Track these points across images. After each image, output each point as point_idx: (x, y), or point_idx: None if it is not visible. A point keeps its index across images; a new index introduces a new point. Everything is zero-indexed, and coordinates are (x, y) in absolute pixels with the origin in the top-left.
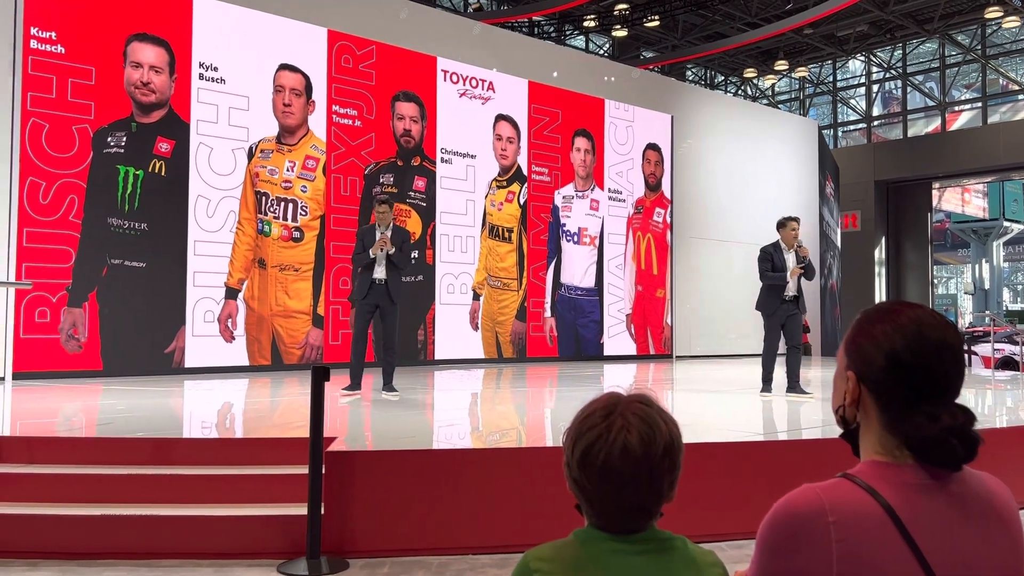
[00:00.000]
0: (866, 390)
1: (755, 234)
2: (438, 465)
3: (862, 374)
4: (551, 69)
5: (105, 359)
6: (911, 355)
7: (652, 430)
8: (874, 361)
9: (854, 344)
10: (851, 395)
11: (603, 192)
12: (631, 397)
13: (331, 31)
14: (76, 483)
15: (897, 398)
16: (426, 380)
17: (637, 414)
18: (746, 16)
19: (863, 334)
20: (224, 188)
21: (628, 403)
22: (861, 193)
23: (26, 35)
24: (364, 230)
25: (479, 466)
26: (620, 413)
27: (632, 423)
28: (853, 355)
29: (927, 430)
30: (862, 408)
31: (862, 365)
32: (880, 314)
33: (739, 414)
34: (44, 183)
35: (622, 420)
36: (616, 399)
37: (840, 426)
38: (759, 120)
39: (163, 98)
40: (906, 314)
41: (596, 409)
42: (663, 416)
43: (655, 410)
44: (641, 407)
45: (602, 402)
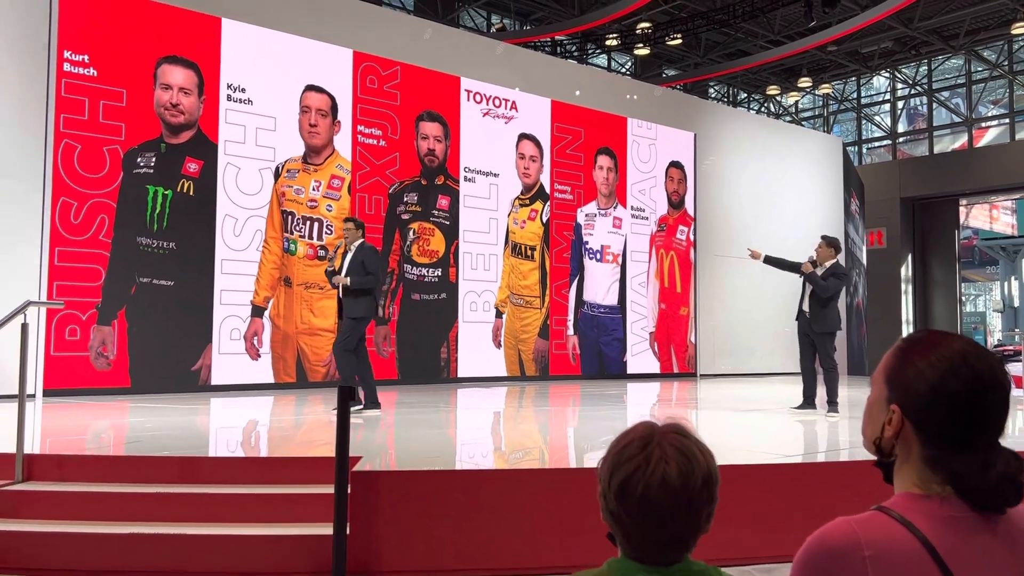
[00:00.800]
0: (910, 423)
1: (779, 251)
2: (463, 486)
3: (906, 407)
4: (574, 88)
5: (133, 376)
6: (962, 388)
7: (690, 462)
8: (920, 394)
9: (897, 375)
10: (894, 428)
11: (626, 210)
12: (667, 428)
13: (356, 52)
14: (105, 501)
15: (944, 434)
16: (449, 398)
17: (674, 445)
18: (769, 34)
19: (907, 365)
20: (251, 207)
21: (664, 434)
22: (887, 210)
23: (59, 58)
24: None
25: (504, 487)
26: (657, 444)
27: (670, 455)
28: (896, 387)
29: (982, 479)
30: (902, 440)
31: (906, 397)
32: (924, 345)
33: (765, 434)
34: (76, 203)
35: (660, 451)
36: (652, 429)
37: (874, 454)
38: (783, 137)
39: (192, 119)
40: (952, 346)
41: (633, 440)
42: (700, 448)
43: (692, 442)
44: (678, 438)
45: (639, 432)
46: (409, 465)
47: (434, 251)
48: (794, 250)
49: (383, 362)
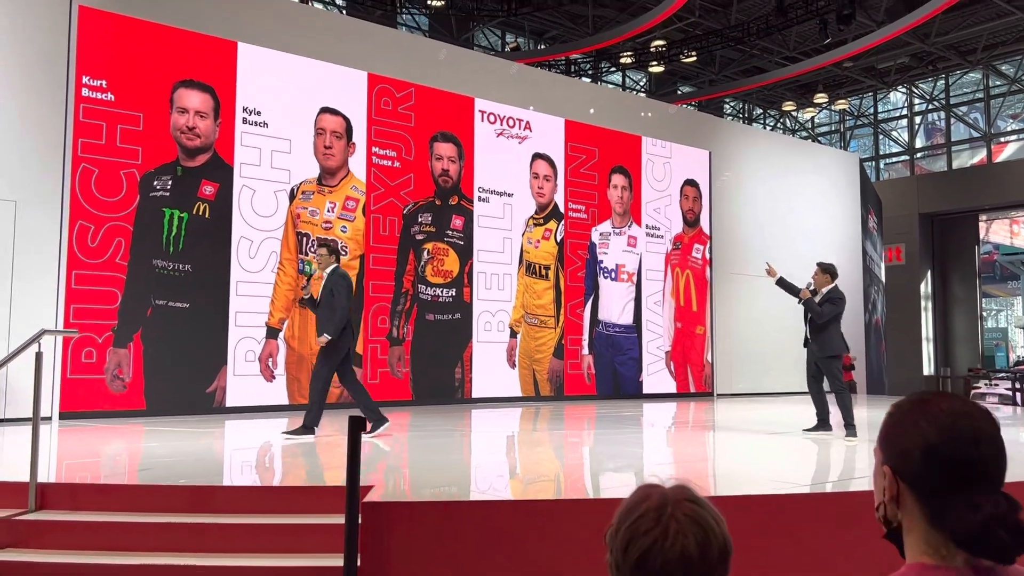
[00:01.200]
0: (904, 485)
1: (797, 269)
2: (478, 517)
3: (898, 468)
4: (587, 107)
5: (148, 399)
6: (946, 446)
7: (707, 534)
8: (909, 454)
9: (888, 438)
10: (889, 491)
11: (640, 228)
12: (679, 495)
13: (371, 74)
14: (117, 531)
15: (937, 490)
16: (463, 420)
17: (690, 516)
18: (784, 50)
19: (896, 427)
20: (266, 229)
21: (678, 502)
22: (905, 226)
23: (78, 84)
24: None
25: (521, 518)
26: (672, 515)
27: (687, 527)
28: (888, 449)
29: (969, 520)
30: (903, 505)
31: (898, 459)
32: (911, 405)
33: (786, 461)
34: (93, 226)
35: (676, 524)
36: (665, 497)
37: (883, 526)
38: (798, 154)
39: (208, 142)
40: (937, 404)
41: (647, 510)
42: (715, 517)
43: (707, 511)
44: (693, 508)
45: (652, 502)
46: (422, 494)
47: (448, 271)
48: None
49: (397, 383)
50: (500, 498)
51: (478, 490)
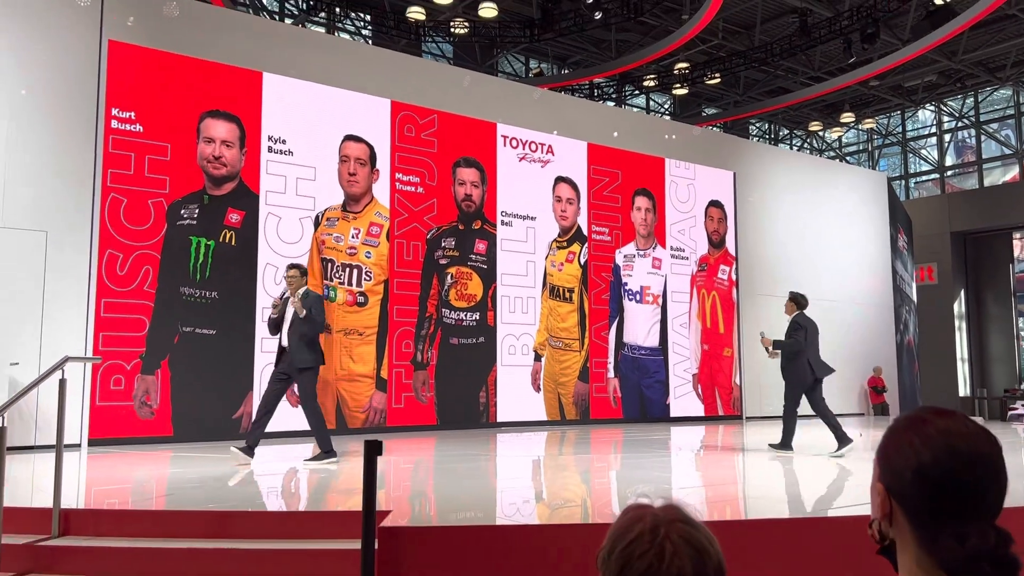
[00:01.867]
0: (897, 505)
1: (825, 290)
2: (497, 542)
3: (891, 487)
4: (610, 130)
5: (176, 425)
6: (938, 469)
7: (701, 555)
8: (902, 474)
9: (882, 454)
10: (881, 509)
11: (665, 250)
12: (671, 515)
13: (394, 102)
14: (139, 557)
15: (928, 515)
16: (488, 444)
17: (684, 537)
18: (809, 70)
19: (891, 445)
20: (291, 256)
21: (671, 523)
22: (937, 245)
23: (107, 116)
24: (281, 298)
25: (543, 544)
26: (666, 536)
27: (682, 549)
28: (882, 466)
29: (956, 551)
30: (895, 524)
31: (891, 477)
32: (909, 423)
33: (817, 483)
34: (121, 255)
35: (671, 546)
36: (657, 519)
37: (875, 541)
38: (825, 174)
39: (234, 171)
40: (935, 424)
41: (641, 532)
42: (707, 537)
43: (700, 532)
44: (686, 529)
45: (645, 524)
46: (441, 519)
47: (472, 295)
48: (836, 286)
49: (422, 408)
50: (520, 523)
51: (503, 515)
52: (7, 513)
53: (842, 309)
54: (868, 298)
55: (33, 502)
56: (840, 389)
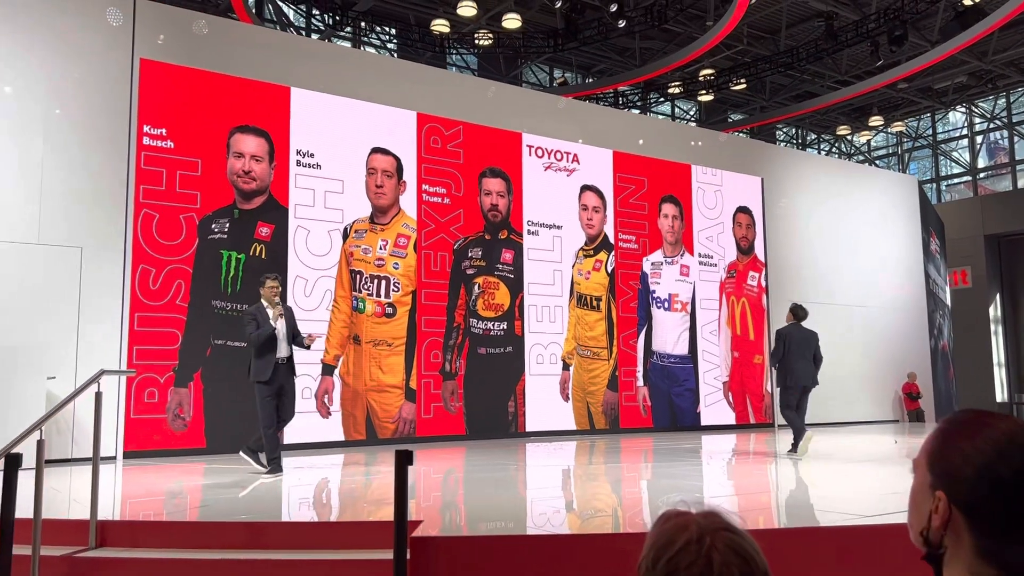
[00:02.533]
0: (958, 512)
1: (857, 295)
2: (528, 552)
3: (952, 493)
4: (636, 138)
5: (208, 437)
6: (1011, 473)
7: (749, 564)
8: (967, 480)
9: (941, 459)
10: (941, 517)
11: (693, 257)
12: (715, 523)
13: (420, 114)
14: (174, 568)
15: (995, 522)
16: (518, 454)
17: (730, 546)
18: (836, 74)
19: (951, 448)
20: (320, 268)
21: (716, 532)
22: (970, 248)
23: (139, 133)
24: (255, 309)
25: (573, 554)
26: (712, 546)
27: (730, 559)
28: (940, 472)
29: None
30: (951, 531)
31: (952, 484)
32: (967, 427)
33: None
34: (154, 270)
35: (719, 555)
36: (701, 527)
37: (923, 548)
38: (854, 178)
39: (263, 185)
40: (998, 427)
41: (688, 542)
42: (753, 546)
43: (745, 540)
44: (731, 537)
45: (691, 532)
46: (472, 529)
47: (499, 305)
48: (868, 292)
49: (451, 417)
50: (552, 532)
51: (533, 525)
52: (45, 525)
53: (874, 315)
54: (900, 303)
55: (71, 514)
56: (873, 396)
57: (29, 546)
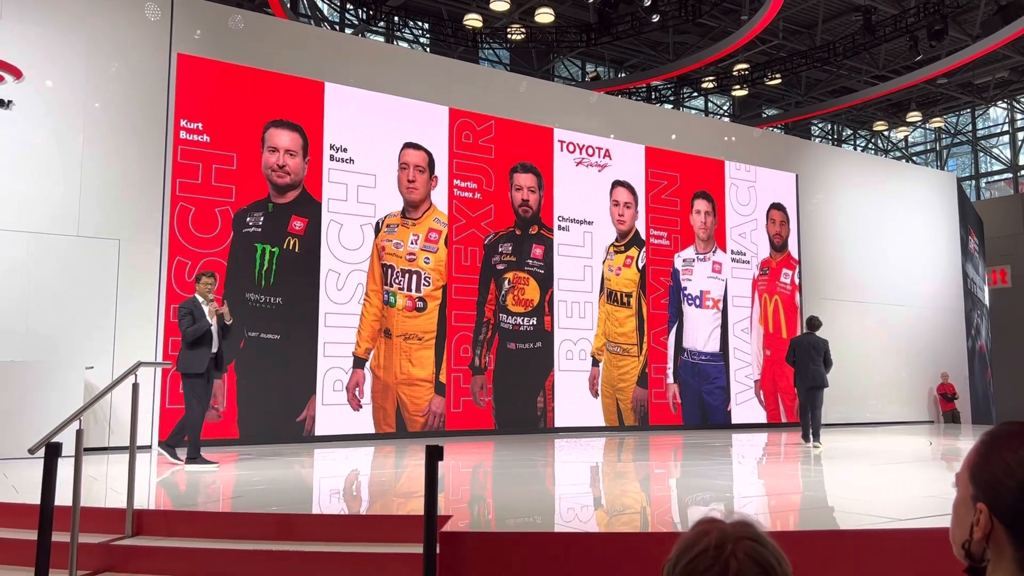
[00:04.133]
0: (999, 524)
1: (892, 294)
2: (557, 549)
3: (995, 506)
4: (668, 133)
5: (241, 427)
6: None
7: (768, 573)
8: (1009, 491)
9: (983, 471)
10: (982, 529)
11: (725, 254)
12: (739, 531)
13: (452, 109)
14: (208, 557)
15: None
16: (546, 449)
17: (751, 556)
18: (873, 69)
19: (994, 460)
20: (353, 262)
21: (738, 540)
22: (1010, 247)
23: (176, 127)
24: (190, 303)
25: (602, 552)
26: (732, 554)
27: (747, 567)
28: (982, 484)
29: None
30: (994, 543)
31: (994, 496)
32: (1011, 439)
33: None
34: (190, 262)
35: (736, 563)
36: (724, 535)
37: (964, 561)
38: (891, 175)
39: (297, 179)
40: None
41: (707, 547)
42: (776, 556)
43: (768, 550)
44: (753, 546)
45: (712, 539)
46: (502, 523)
47: (529, 300)
48: (904, 291)
49: (480, 412)
50: (582, 530)
51: (559, 522)
52: (83, 513)
53: (909, 314)
54: (937, 302)
55: (107, 502)
56: (908, 397)
57: (68, 533)
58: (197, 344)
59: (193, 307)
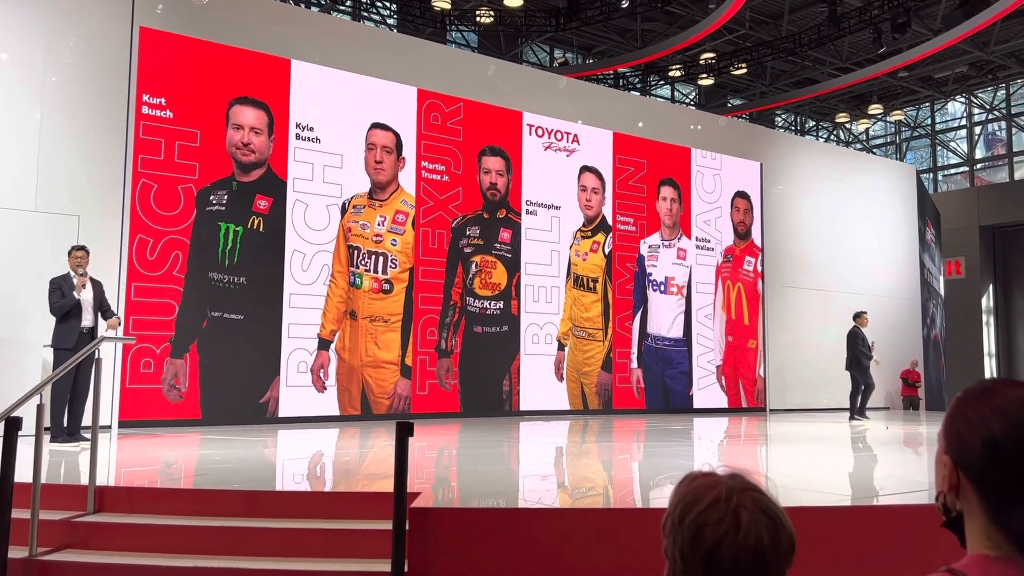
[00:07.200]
0: (965, 477)
1: (852, 283)
2: (524, 524)
3: (959, 460)
4: (636, 120)
5: (204, 408)
6: (1011, 441)
7: (776, 524)
8: (971, 447)
9: (950, 427)
10: (948, 481)
11: (690, 241)
12: (740, 483)
13: (421, 90)
14: (172, 534)
15: (999, 488)
16: (512, 432)
17: (759, 507)
18: (837, 61)
19: (959, 416)
20: (318, 243)
21: (743, 491)
22: (965, 239)
23: (138, 102)
24: (61, 279)
25: (566, 527)
26: (740, 504)
27: (758, 517)
28: (950, 439)
29: None
30: (963, 496)
31: (959, 450)
32: (978, 394)
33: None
34: (151, 240)
35: (747, 513)
36: (728, 486)
37: (941, 514)
38: (852, 166)
39: (262, 158)
40: (1007, 395)
41: (716, 499)
42: (779, 506)
43: (769, 499)
44: (759, 497)
45: (719, 491)
46: (469, 502)
47: (496, 284)
48: (863, 279)
49: (446, 395)
50: (546, 506)
51: (525, 499)
52: (44, 489)
53: (868, 302)
54: (895, 292)
55: (69, 479)
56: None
57: (28, 510)
58: (67, 318)
59: (63, 281)
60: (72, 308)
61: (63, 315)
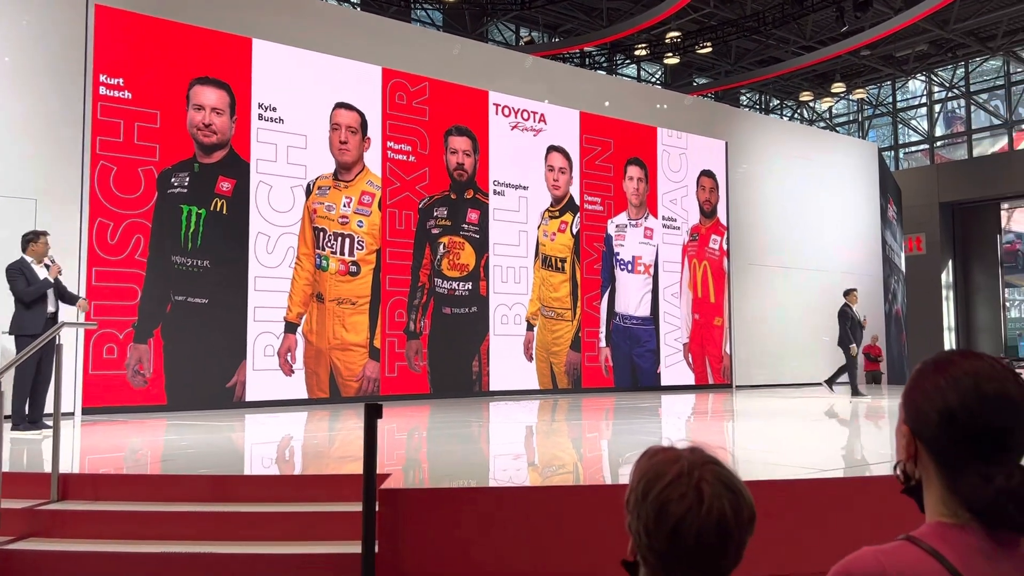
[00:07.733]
0: (922, 446)
1: (816, 260)
2: (493, 503)
3: (917, 429)
4: (603, 99)
5: (169, 393)
6: (965, 412)
7: (737, 497)
8: (928, 417)
9: (908, 397)
10: (906, 450)
11: (657, 220)
12: (700, 457)
13: (385, 69)
14: (138, 520)
15: (953, 457)
16: (482, 412)
17: (719, 479)
18: (800, 40)
19: (917, 387)
20: (283, 225)
21: (704, 465)
22: (925, 215)
23: (95, 82)
24: (20, 264)
25: (536, 505)
26: (702, 478)
27: (719, 490)
28: (908, 409)
29: (980, 492)
30: (921, 464)
31: (917, 420)
32: (936, 365)
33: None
34: (112, 223)
35: (708, 487)
36: (689, 460)
37: (900, 482)
38: (816, 144)
39: (224, 139)
40: (962, 366)
41: (678, 474)
42: (739, 479)
43: (729, 471)
44: (718, 470)
45: (682, 466)
46: (439, 482)
47: (464, 265)
48: (827, 256)
49: (415, 377)
50: (516, 484)
51: (495, 478)
52: (6, 478)
53: (831, 279)
54: (858, 268)
55: (31, 467)
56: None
57: None
58: (34, 304)
59: (23, 267)
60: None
61: (32, 301)
